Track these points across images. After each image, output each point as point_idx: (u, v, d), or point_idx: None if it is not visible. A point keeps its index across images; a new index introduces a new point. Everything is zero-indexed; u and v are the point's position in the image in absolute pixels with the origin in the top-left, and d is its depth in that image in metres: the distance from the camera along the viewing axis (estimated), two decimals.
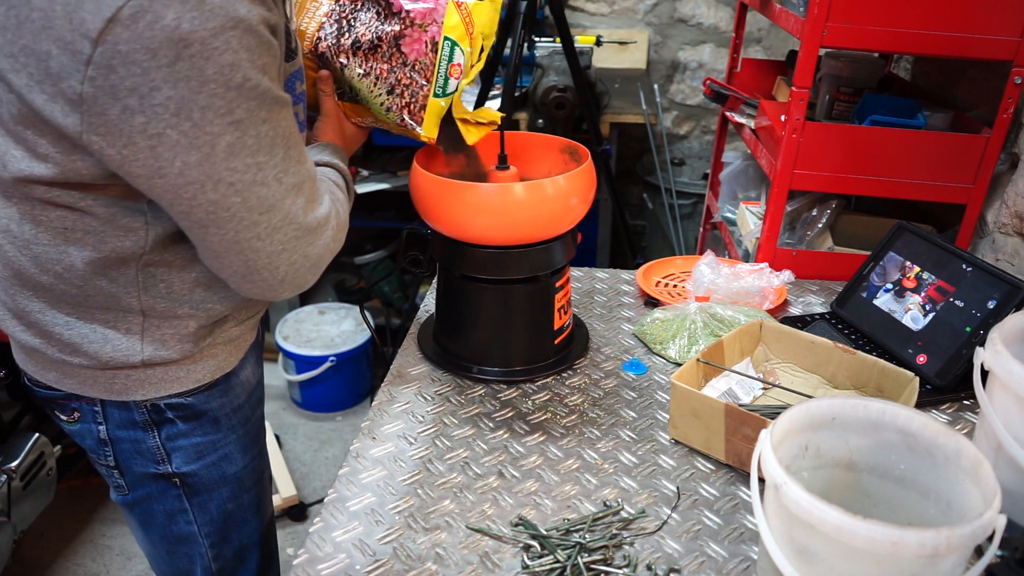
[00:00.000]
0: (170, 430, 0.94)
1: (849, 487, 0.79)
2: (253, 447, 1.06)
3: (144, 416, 0.92)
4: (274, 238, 0.79)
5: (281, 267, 0.82)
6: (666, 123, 3.06)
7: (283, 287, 0.84)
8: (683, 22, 2.92)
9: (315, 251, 0.84)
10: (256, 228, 0.77)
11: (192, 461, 0.98)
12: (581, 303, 1.40)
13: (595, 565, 0.82)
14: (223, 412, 0.98)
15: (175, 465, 0.97)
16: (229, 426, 1.00)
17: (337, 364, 2.47)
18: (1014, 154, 1.48)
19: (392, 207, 2.79)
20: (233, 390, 0.99)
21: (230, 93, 0.69)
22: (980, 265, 1.15)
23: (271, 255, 0.80)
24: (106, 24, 0.64)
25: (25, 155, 0.73)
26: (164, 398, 0.92)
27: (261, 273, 0.81)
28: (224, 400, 0.98)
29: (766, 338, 1.16)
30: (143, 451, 0.95)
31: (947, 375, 1.11)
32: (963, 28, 1.31)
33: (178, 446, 0.96)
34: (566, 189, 1.05)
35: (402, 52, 0.98)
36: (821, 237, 1.63)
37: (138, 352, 0.87)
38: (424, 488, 0.94)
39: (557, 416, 1.08)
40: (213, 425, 0.97)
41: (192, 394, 0.93)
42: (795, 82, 1.38)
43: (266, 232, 0.78)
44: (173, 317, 0.87)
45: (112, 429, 0.93)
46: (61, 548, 2.06)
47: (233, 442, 1.01)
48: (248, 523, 1.08)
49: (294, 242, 0.81)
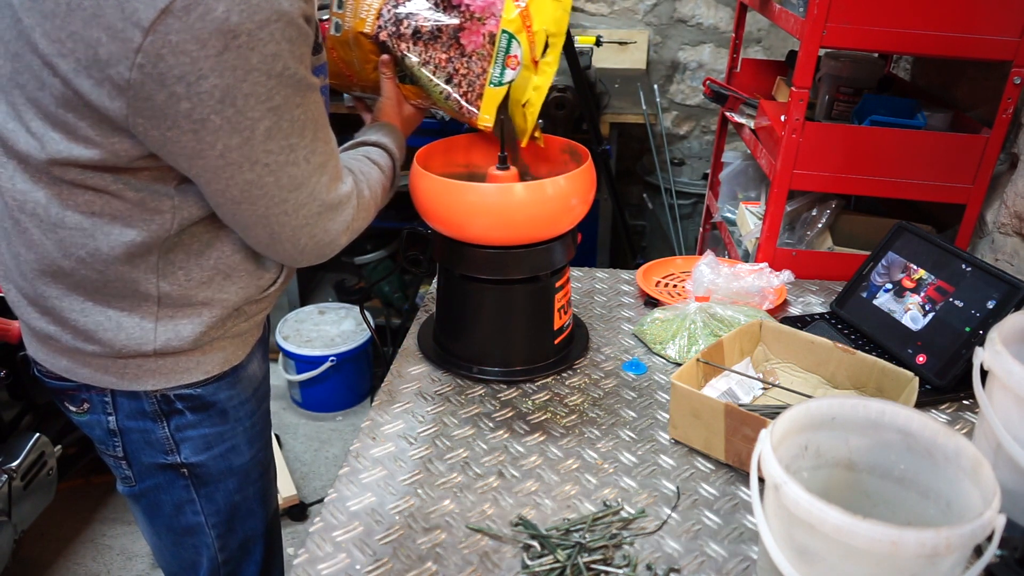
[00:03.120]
0: (179, 420, 0.96)
1: (849, 487, 0.79)
2: (259, 440, 1.07)
3: (154, 407, 0.94)
4: (299, 213, 0.84)
5: (302, 239, 0.87)
6: (666, 123, 3.06)
7: (303, 256, 0.90)
8: (683, 22, 2.92)
9: (335, 227, 0.89)
10: (285, 204, 0.82)
11: (200, 452, 0.99)
12: (581, 303, 1.40)
13: (595, 565, 0.82)
14: (231, 404, 0.99)
15: (183, 455, 0.98)
16: (236, 418, 1.01)
17: (337, 364, 2.47)
18: (1013, 154, 1.48)
19: (392, 207, 2.78)
20: (241, 383, 1.00)
21: (271, 81, 0.74)
22: (979, 265, 1.15)
23: (295, 228, 0.85)
24: (159, 15, 0.67)
25: (64, 137, 0.75)
26: (174, 388, 0.93)
27: (284, 244, 0.86)
28: (232, 392, 0.99)
29: (766, 338, 1.16)
30: (152, 441, 0.96)
31: (947, 375, 1.12)
32: (963, 28, 1.31)
33: (187, 436, 0.97)
34: (566, 189, 1.05)
35: (460, 44, 1.04)
36: (821, 237, 1.63)
37: (151, 340, 0.88)
38: (424, 488, 0.94)
39: (557, 416, 1.08)
40: (221, 416, 0.99)
41: (201, 385, 0.95)
42: (795, 82, 1.38)
43: (293, 208, 0.83)
44: (187, 306, 0.89)
45: (122, 419, 0.94)
46: (61, 548, 2.06)
47: (240, 434, 1.02)
48: (254, 515, 1.09)
49: (316, 217, 0.86)
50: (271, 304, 1.00)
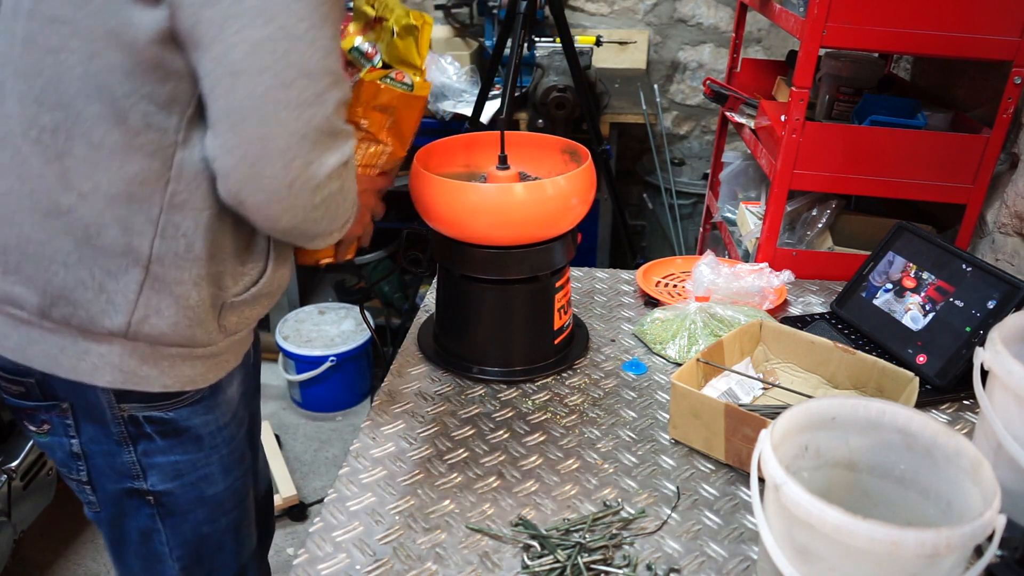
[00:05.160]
0: (147, 446, 0.90)
1: (849, 487, 0.79)
2: (237, 468, 1.00)
3: (120, 429, 0.88)
4: (302, 116, 0.73)
5: (296, 158, 0.74)
6: (666, 123, 3.06)
7: (288, 197, 0.76)
8: (683, 22, 2.92)
9: (328, 163, 0.77)
10: (288, 91, 0.72)
11: (169, 479, 0.93)
12: (581, 303, 1.40)
13: (595, 565, 0.82)
14: (207, 430, 0.93)
15: (150, 482, 0.92)
16: (212, 445, 0.95)
17: (337, 364, 2.47)
18: (1014, 154, 1.48)
19: (392, 207, 2.78)
20: (219, 407, 0.94)
21: None
22: (980, 265, 1.15)
23: (291, 135, 0.73)
24: None
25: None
26: (141, 408, 0.87)
27: (274, 163, 0.74)
28: (209, 417, 0.93)
29: (766, 338, 1.16)
30: (117, 466, 0.91)
31: (947, 375, 1.12)
32: (963, 28, 1.31)
33: (155, 463, 0.91)
34: (566, 189, 1.05)
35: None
36: (821, 237, 1.63)
37: (127, 311, 0.81)
38: (424, 488, 0.94)
39: (557, 416, 1.08)
40: (195, 443, 0.93)
41: (174, 408, 0.89)
42: (795, 82, 1.38)
43: (296, 104, 0.73)
44: (177, 282, 0.82)
45: (85, 442, 0.89)
46: (61, 548, 2.06)
47: (215, 462, 0.96)
48: (225, 548, 1.03)
49: (317, 134, 0.74)
50: (250, 318, 0.92)
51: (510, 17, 2.07)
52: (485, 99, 2.19)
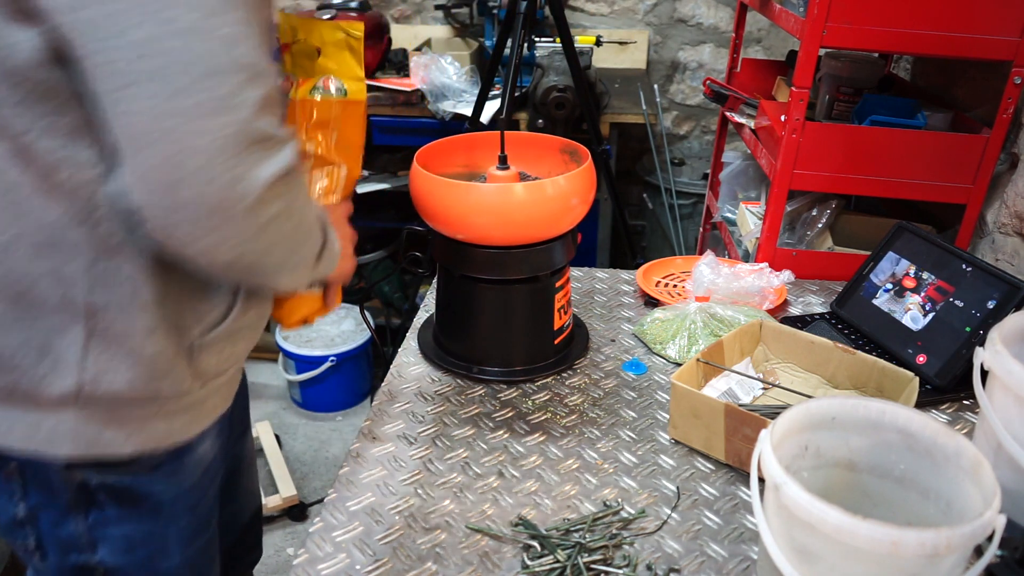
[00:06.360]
0: (98, 516, 0.79)
1: (849, 487, 0.79)
2: (198, 538, 0.88)
3: (68, 496, 0.77)
4: (212, 125, 0.59)
5: (217, 182, 0.60)
6: (666, 123, 3.06)
7: (221, 224, 0.62)
8: (683, 22, 2.92)
9: (264, 171, 0.62)
10: (188, 97, 0.58)
11: (120, 553, 0.82)
12: (581, 303, 1.40)
13: (595, 565, 0.82)
14: (167, 497, 0.82)
15: (100, 556, 0.81)
16: (171, 515, 0.83)
17: (337, 364, 2.47)
18: (1014, 154, 1.48)
19: (392, 207, 2.78)
20: (185, 469, 0.82)
21: None
22: (980, 265, 1.15)
23: (203, 153, 0.59)
24: None
25: None
26: (97, 471, 0.76)
27: (191, 187, 0.60)
28: (171, 482, 0.81)
29: (766, 338, 1.16)
30: (64, 537, 0.80)
31: (947, 375, 1.12)
32: (963, 28, 1.31)
33: (107, 535, 0.80)
34: (566, 189, 1.05)
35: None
36: (821, 237, 1.63)
37: (74, 373, 0.71)
38: (424, 488, 0.94)
39: (557, 416, 1.08)
40: (152, 513, 0.81)
41: (131, 473, 0.77)
42: (795, 82, 1.38)
43: (203, 112, 0.59)
44: (126, 334, 0.71)
45: (33, 507, 0.78)
46: None
47: (173, 534, 0.84)
48: None
49: (236, 143, 0.60)
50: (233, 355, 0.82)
51: (510, 17, 2.07)
52: (485, 99, 2.19)
